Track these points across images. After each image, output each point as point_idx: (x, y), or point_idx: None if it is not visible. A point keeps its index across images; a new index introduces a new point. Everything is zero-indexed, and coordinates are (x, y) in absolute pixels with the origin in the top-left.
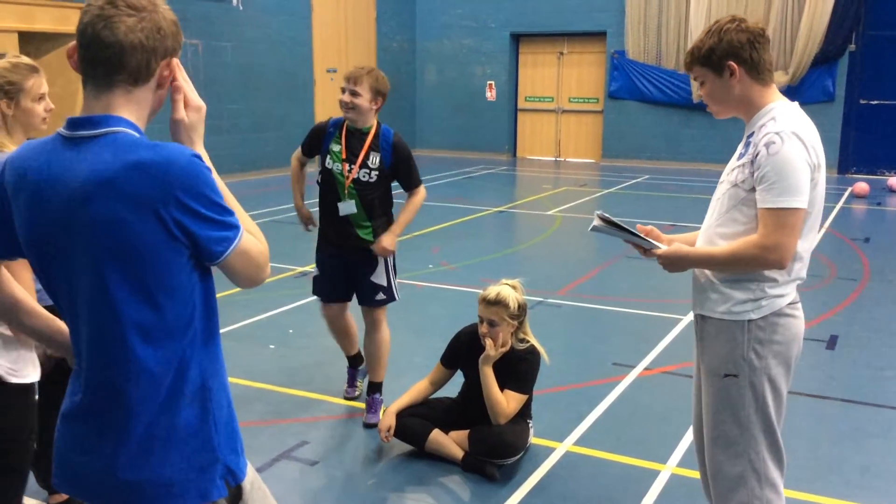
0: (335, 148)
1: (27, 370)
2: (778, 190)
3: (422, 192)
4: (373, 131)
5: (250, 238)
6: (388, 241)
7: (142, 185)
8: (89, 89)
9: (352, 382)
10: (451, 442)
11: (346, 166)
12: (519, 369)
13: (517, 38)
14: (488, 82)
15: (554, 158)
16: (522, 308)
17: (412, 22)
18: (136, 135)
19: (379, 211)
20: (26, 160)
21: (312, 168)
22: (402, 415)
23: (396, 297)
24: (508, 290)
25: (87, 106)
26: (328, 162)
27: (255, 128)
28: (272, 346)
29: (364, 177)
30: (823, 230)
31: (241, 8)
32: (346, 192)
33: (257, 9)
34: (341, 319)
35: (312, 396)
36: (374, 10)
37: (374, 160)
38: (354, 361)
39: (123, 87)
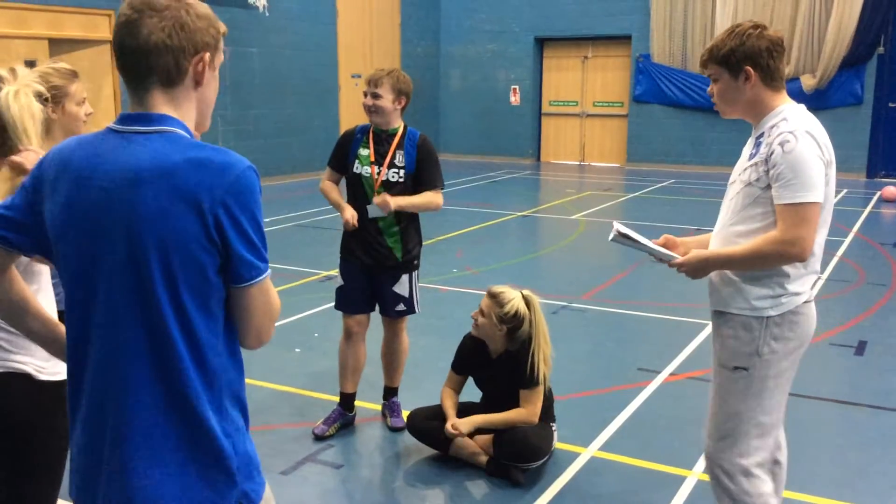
0: (363, 152)
1: (58, 367)
2: (795, 186)
3: (440, 196)
4: (399, 132)
5: (271, 284)
6: (391, 198)
7: (195, 181)
8: (131, 95)
9: (329, 421)
10: (475, 446)
11: (375, 169)
12: (522, 365)
13: (541, 43)
14: (512, 87)
15: (578, 163)
16: (517, 317)
17: (436, 27)
18: (190, 137)
19: (407, 219)
20: (72, 151)
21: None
22: (425, 419)
23: (416, 310)
24: (513, 295)
25: (135, 105)
26: (356, 166)
27: (279, 133)
28: (297, 350)
29: (393, 177)
30: (852, 234)
31: (267, 14)
32: (375, 194)
33: (283, 15)
34: (360, 340)
35: (337, 399)
36: (398, 15)
37: (401, 159)
38: (347, 403)
39: (160, 89)
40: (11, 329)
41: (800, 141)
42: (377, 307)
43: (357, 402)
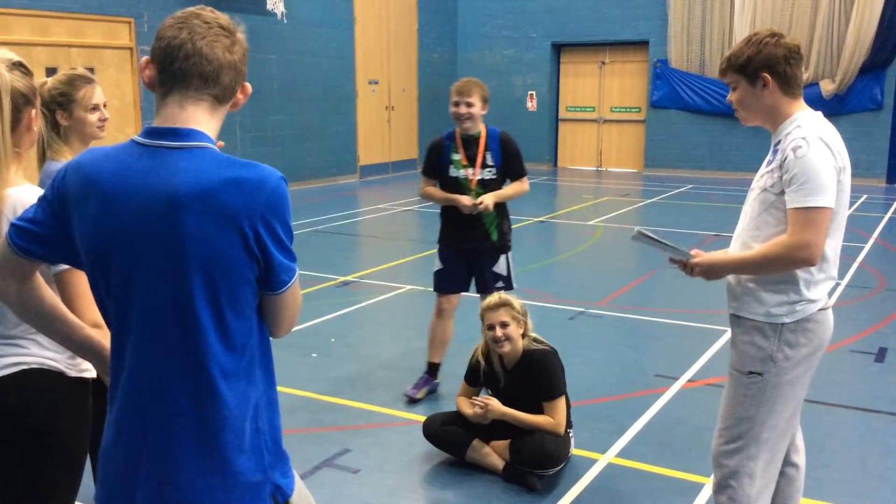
0: (455, 157)
1: (86, 364)
2: (805, 190)
3: (526, 182)
4: (483, 134)
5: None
6: (488, 197)
7: (235, 201)
8: (176, 99)
9: (418, 386)
10: (491, 452)
11: (469, 171)
12: (543, 375)
13: (558, 48)
14: (529, 92)
15: (595, 168)
16: (523, 311)
17: (453, 33)
18: (219, 152)
19: (501, 206)
20: (97, 167)
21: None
22: (442, 424)
23: (514, 286)
24: (507, 294)
25: (167, 116)
26: (451, 171)
27: (297, 139)
28: (314, 355)
29: (487, 176)
30: (872, 240)
31: (285, 21)
32: (473, 193)
33: (301, 22)
34: (450, 316)
35: (354, 405)
36: (415, 22)
37: (490, 158)
38: (434, 371)
39: (210, 103)
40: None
41: (812, 147)
42: (474, 287)
43: (374, 408)
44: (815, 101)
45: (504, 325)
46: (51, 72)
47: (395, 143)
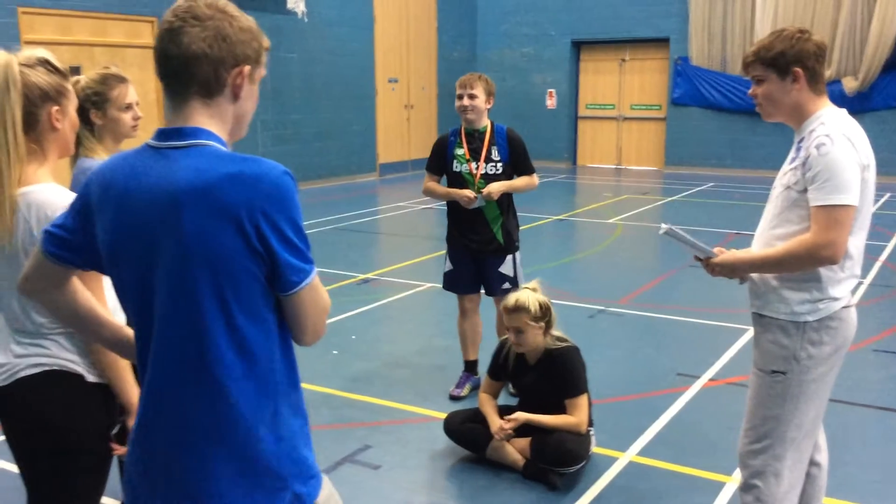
0: (459, 152)
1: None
2: (829, 188)
3: (535, 178)
4: (488, 129)
5: (319, 281)
6: (494, 186)
7: (232, 195)
8: (168, 103)
9: (461, 384)
10: (512, 449)
11: (472, 165)
12: (565, 373)
13: (578, 46)
14: (548, 90)
15: (615, 166)
16: (545, 308)
17: (473, 32)
18: (224, 148)
19: (506, 203)
20: (112, 172)
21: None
22: (462, 421)
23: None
24: (527, 294)
25: (170, 118)
26: (455, 166)
27: (317, 137)
28: (335, 352)
29: (491, 170)
30: (895, 239)
31: (306, 20)
32: (476, 188)
33: (321, 21)
34: (475, 314)
35: (374, 402)
36: (435, 20)
37: (496, 153)
38: (472, 368)
39: (199, 100)
40: (67, 329)
41: (836, 144)
42: (484, 289)
43: (394, 404)
44: (838, 99)
45: (518, 331)
46: (73, 71)
47: (414, 141)
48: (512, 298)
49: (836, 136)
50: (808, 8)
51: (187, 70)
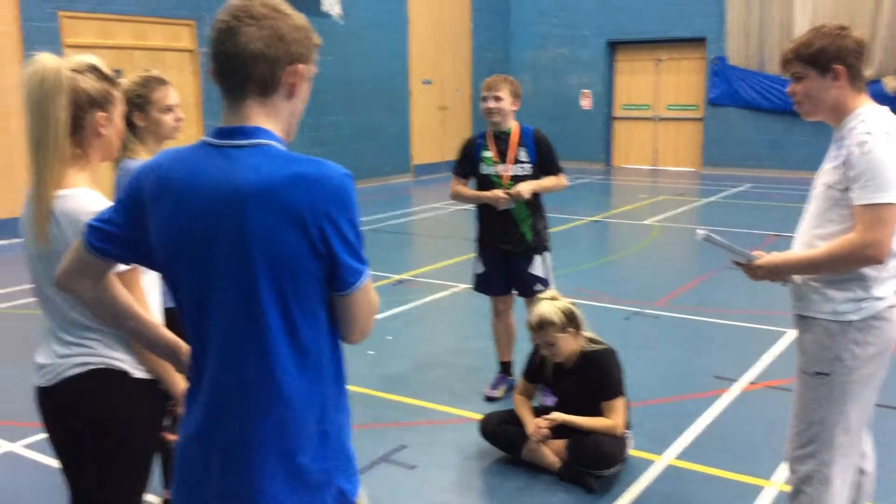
0: (486, 154)
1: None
2: (872, 187)
3: (564, 178)
4: (515, 130)
5: (370, 282)
6: (524, 186)
7: (297, 197)
8: (226, 103)
9: (496, 385)
10: (547, 451)
11: (500, 167)
12: (602, 376)
13: (613, 46)
14: (583, 91)
15: (650, 167)
16: (569, 314)
17: (507, 33)
18: (284, 148)
19: (534, 205)
20: (170, 167)
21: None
22: (498, 423)
23: (552, 289)
24: (546, 307)
25: (228, 116)
26: (483, 168)
27: (353, 138)
28: (371, 352)
29: (519, 172)
30: None
31: (342, 23)
32: (504, 188)
33: (357, 23)
34: (508, 315)
35: (410, 402)
36: (469, 21)
37: (524, 155)
38: (507, 368)
39: (255, 98)
40: (108, 327)
41: (877, 141)
42: (516, 290)
43: (430, 405)
44: (879, 98)
45: (549, 344)
46: (116, 74)
47: (448, 142)
48: (534, 316)
49: (877, 134)
50: (847, 5)
51: (244, 69)
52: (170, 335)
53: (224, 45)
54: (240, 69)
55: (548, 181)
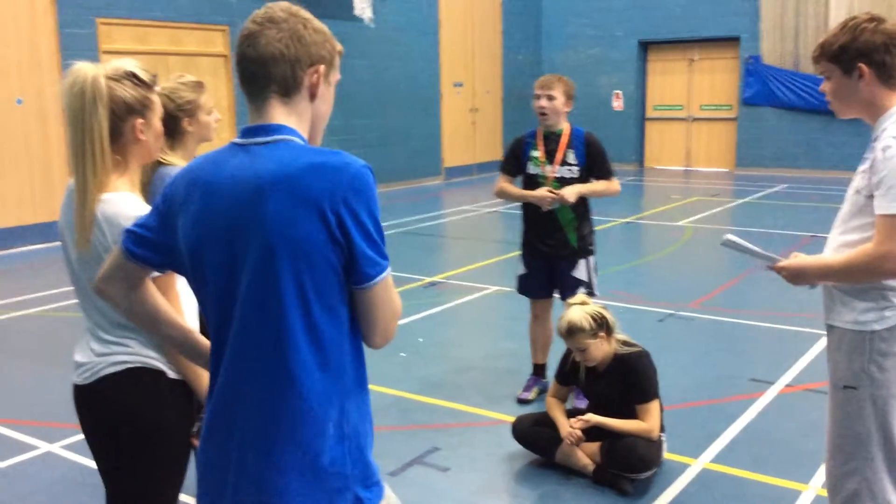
0: (535, 154)
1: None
2: (892, 195)
3: (616, 183)
4: (566, 132)
5: (392, 282)
6: (569, 189)
7: (315, 185)
8: (251, 107)
9: (529, 388)
10: (581, 454)
11: (546, 167)
12: (636, 379)
13: (645, 46)
14: (615, 92)
15: (684, 168)
16: (599, 319)
17: (538, 34)
18: (305, 144)
19: (581, 208)
20: (200, 168)
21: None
22: (532, 425)
23: (596, 293)
24: (576, 313)
25: (253, 117)
26: (530, 168)
27: (383, 141)
28: (403, 355)
29: (566, 174)
30: None
31: (372, 26)
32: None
33: (388, 26)
34: (547, 319)
35: (443, 404)
36: (500, 23)
37: (573, 157)
38: (540, 371)
39: (278, 99)
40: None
41: None
42: (559, 294)
43: (463, 407)
44: None
45: (580, 349)
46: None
47: (479, 144)
48: (564, 322)
49: None
50: (883, 2)
51: (265, 70)
52: (204, 341)
53: (246, 49)
54: (261, 71)
55: (598, 185)
